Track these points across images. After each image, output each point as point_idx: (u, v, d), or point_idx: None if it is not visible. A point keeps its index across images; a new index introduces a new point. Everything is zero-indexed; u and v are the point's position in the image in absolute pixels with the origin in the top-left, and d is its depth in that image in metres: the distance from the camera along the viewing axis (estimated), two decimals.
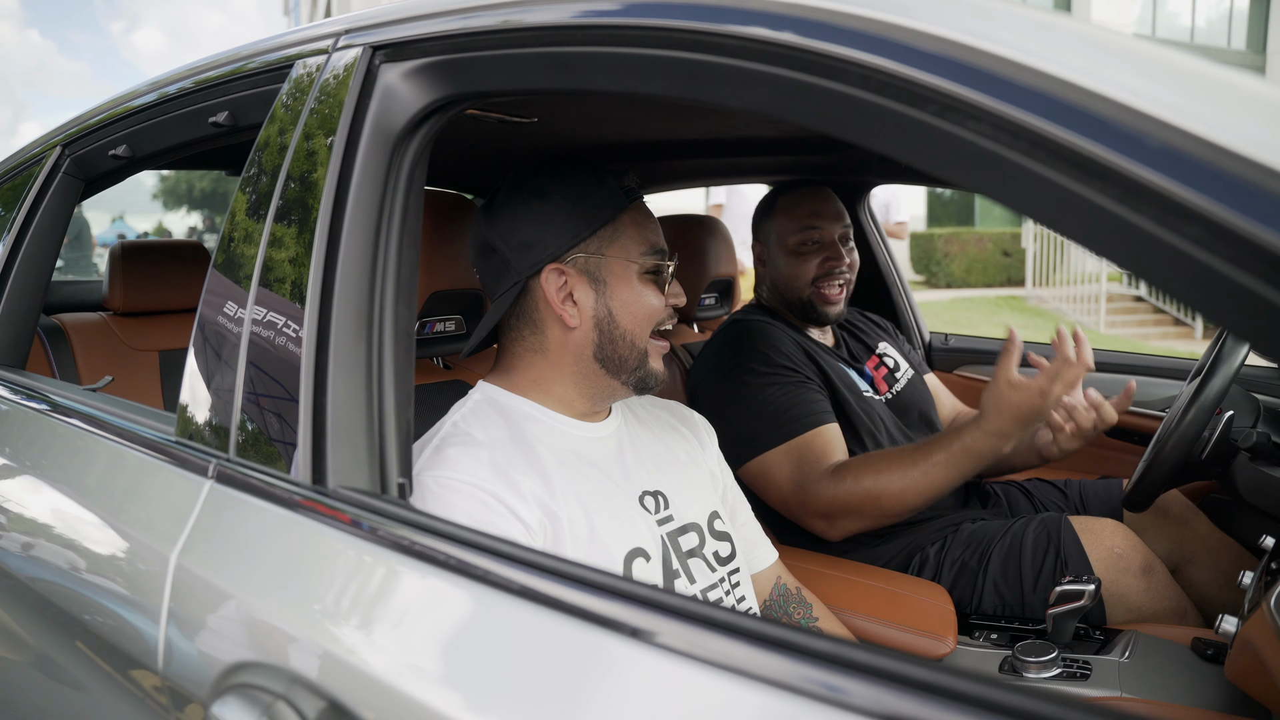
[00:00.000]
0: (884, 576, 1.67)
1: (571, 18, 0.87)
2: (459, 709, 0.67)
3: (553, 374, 1.20)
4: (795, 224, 1.97)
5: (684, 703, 0.61)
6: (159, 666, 0.83)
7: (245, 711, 0.71)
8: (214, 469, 0.93)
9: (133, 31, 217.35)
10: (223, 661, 0.78)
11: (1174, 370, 2.22)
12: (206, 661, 0.80)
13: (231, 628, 0.80)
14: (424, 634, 0.73)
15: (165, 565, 0.87)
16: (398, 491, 0.86)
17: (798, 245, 1.95)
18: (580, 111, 1.66)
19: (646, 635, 0.64)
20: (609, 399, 1.23)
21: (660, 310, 1.19)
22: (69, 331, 1.91)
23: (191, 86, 1.31)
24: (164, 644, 0.83)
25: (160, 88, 1.39)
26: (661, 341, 1.22)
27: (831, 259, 1.93)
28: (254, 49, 1.25)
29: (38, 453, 1.21)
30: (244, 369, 0.95)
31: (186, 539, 0.88)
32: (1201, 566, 1.78)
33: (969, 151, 0.64)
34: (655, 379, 1.21)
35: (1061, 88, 0.59)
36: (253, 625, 0.79)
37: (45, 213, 1.53)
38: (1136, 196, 0.55)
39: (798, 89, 0.69)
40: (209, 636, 0.82)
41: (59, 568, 1.03)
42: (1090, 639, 1.49)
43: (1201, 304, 0.55)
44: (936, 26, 0.65)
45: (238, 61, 1.25)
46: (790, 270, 1.95)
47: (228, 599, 0.82)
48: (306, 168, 1.01)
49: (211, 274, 1.05)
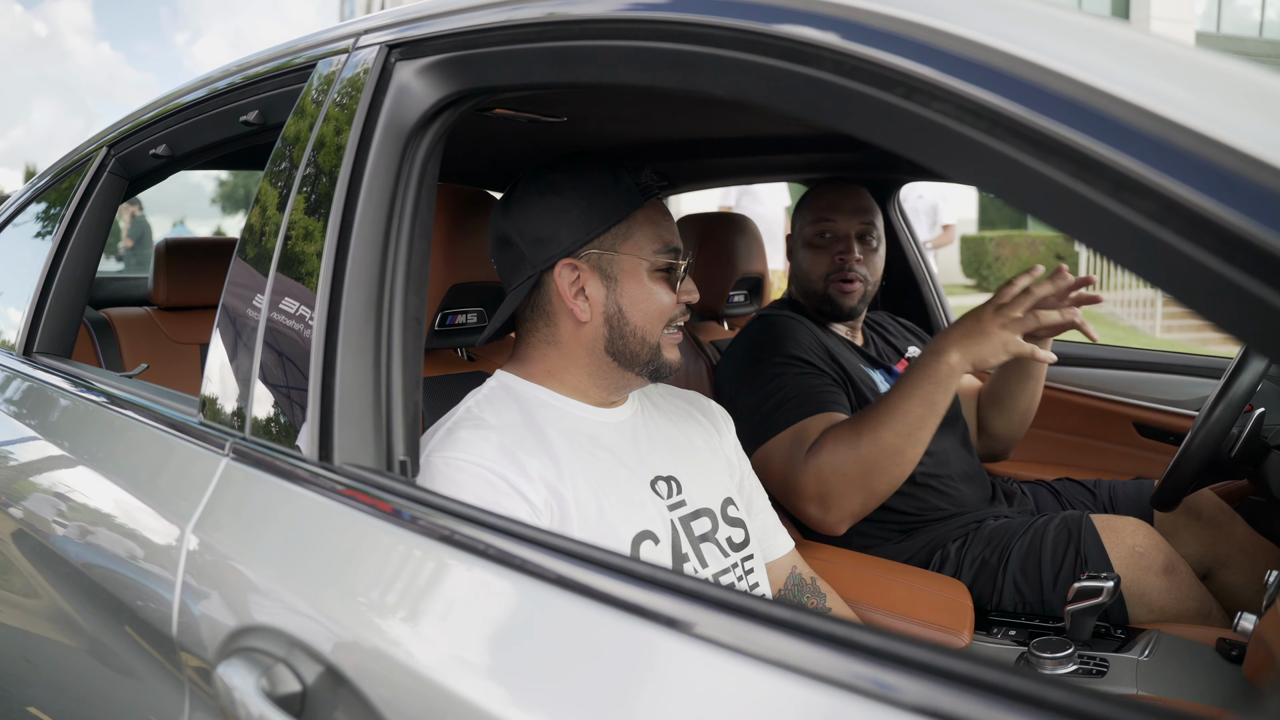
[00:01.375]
0: (903, 571, 1.67)
1: (569, 12, 0.90)
2: (453, 675, 0.70)
3: (566, 365, 1.22)
4: (812, 216, 1.97)
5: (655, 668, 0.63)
6: (173, 631, 0.88)
7: (247, 672, 0.75)
8: (230, 446, 0.98)
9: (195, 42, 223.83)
10: (228, 626, 0.82)
11: (1209, 369, 2.18)
12: (215, 626, 0.84)
13: (237, 595, 0.85)
14: (422, 605, 0.76)
15: (181, 537, 0.92)
16: (400, 469, 0.89)
17: (813, 237, 1.96)
18: (608, 110, 1.69)
19: (648, 613, 0.65)
20: (625, 389, 1.26)
21: (671, 308, 1.21)
22: (115, 325, 2.00)
23: (225, 87, 1.37)
24: (178, 610, 0.88)
25: (196, 89, 1.45)
26: (674, 333, 1.24)
27: (843, 252, 1.91)
28: (282, 50, 1.30)
29: (73, 432, 1.29)
30: (260, 352, 1.00)
31: (202, 512, 0.93)
32: (1236, 570, 1.74)
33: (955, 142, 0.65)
34: (670, 368, 1.23)
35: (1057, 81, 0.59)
36: (257, 592, 0.83)
37: (91, 210, 1.61)
38: (1130, 191, 0.55)
39: (789, 80, 0.70)
40: (217, 603, 0.86)
41: (87, 539, 1.09)
42: (1111, 637, 1.47)
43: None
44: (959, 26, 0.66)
45: (267, 62, 1.31)
46: (806, 262, 1.97)
47: (235, 568, 0.86)
48: (323, 162, 1.06)
49: (235, 262, 1.10)
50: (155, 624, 0.90)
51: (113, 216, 1.64)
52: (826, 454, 1.53)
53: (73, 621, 1.07)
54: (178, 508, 0.97)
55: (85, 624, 1.05)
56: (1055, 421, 2.30)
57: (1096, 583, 1.40)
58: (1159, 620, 1.52)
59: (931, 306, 2.51)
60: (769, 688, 0.58)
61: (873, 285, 1.98)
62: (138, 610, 0.95)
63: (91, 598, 1.04)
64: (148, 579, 0.95)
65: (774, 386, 1.74)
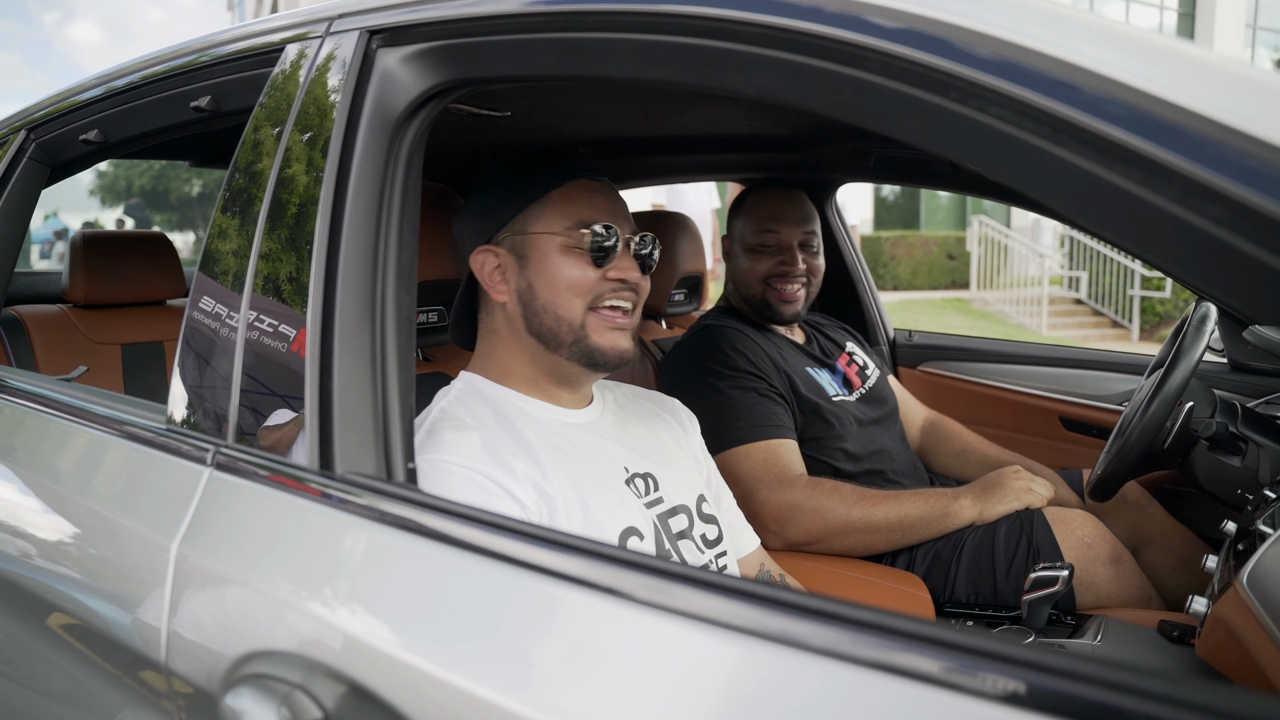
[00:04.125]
0: (860, 567, 1.71)
1: (583, 4, 0.87)
2: (480, 683, 0.67)
3: (506, 353, 1.22)
4: (755, 225, 2.01)
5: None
6: (162, 660, 0.81)
7: (261, 702, 0.70)
8: (212, 457, 0.91)
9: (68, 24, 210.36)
10: (232, 652, 0.76)
11: (1130, 365, 2.30)
12: (215, 651, 0.78)
13: (240, 617, 0.79)
14: (443, 614, 0.72)
15: (166, 555, 0.85)
16: (407, 476, 0.85)
17: (755, 245, 1.99)
18: (554, 105, 1.66)
19: (655, 603, 0.65)
20: (574, 380, 1.23)
21: (587, 281, 1.17)
22: (27, 324, 1.85)
23: (172, 70, 1.28)
24: (167, 636, 0.81)
25: (137, 70, 1.35)
26: (608, 314, 1.18)
27: (786, 263, 1.97)
28: (240, 32, 1.23)
29: (17, 444, 1.17)
30: (241, 356, 0.93)
31: (187, 528, 0.86)
32: (1157, 550, 1.85)
33: None
34: (603, 355, 1.18)
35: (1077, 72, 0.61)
36: (264, 613, 0.77)
37: (8, 200, 1.48)
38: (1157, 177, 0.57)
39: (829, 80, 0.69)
40: (216, 626, 0.80)
41: (49, 562, 1.00)
42: (1062, 624, 1.53)
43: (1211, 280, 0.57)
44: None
45: (224, 45, 1.23)
46: (746, 266, 2.00)
47: (235, 587, 0.80)
48: (304, 154, 1.00)
49: (204, 260, 1.03)
50: (137, 650, 0.83)
51: (33, 206, 1.52)
52: (819, 496, 1.69)
53: (28, 652, 0.98)
54: (157, 523, 0.89)
55: (57, 659, 0.96)
56: (984, 417, 2.39)
57: (1052, 572, 1.45)
58: (1103, 606, 1.60)
59: (867, 306, 2.58)
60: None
61: (814, 289, 2.03)
62: (113, 636, 0.87)
63: (49, 624, 0.95)
64: (126, 602, 0.87)
65: (724, 401, 1.78)
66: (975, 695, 0.54)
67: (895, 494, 1.73)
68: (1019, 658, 0.55)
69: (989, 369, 2.45)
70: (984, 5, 0.67)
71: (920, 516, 1.69)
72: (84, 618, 0.93)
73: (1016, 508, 1.70)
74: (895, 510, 1.69)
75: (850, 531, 1.68)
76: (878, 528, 1.68)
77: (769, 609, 0.62)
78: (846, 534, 1.68)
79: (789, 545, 1.71)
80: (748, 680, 0.61)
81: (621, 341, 1.19)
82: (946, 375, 2.51)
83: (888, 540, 1.69)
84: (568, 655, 0.67)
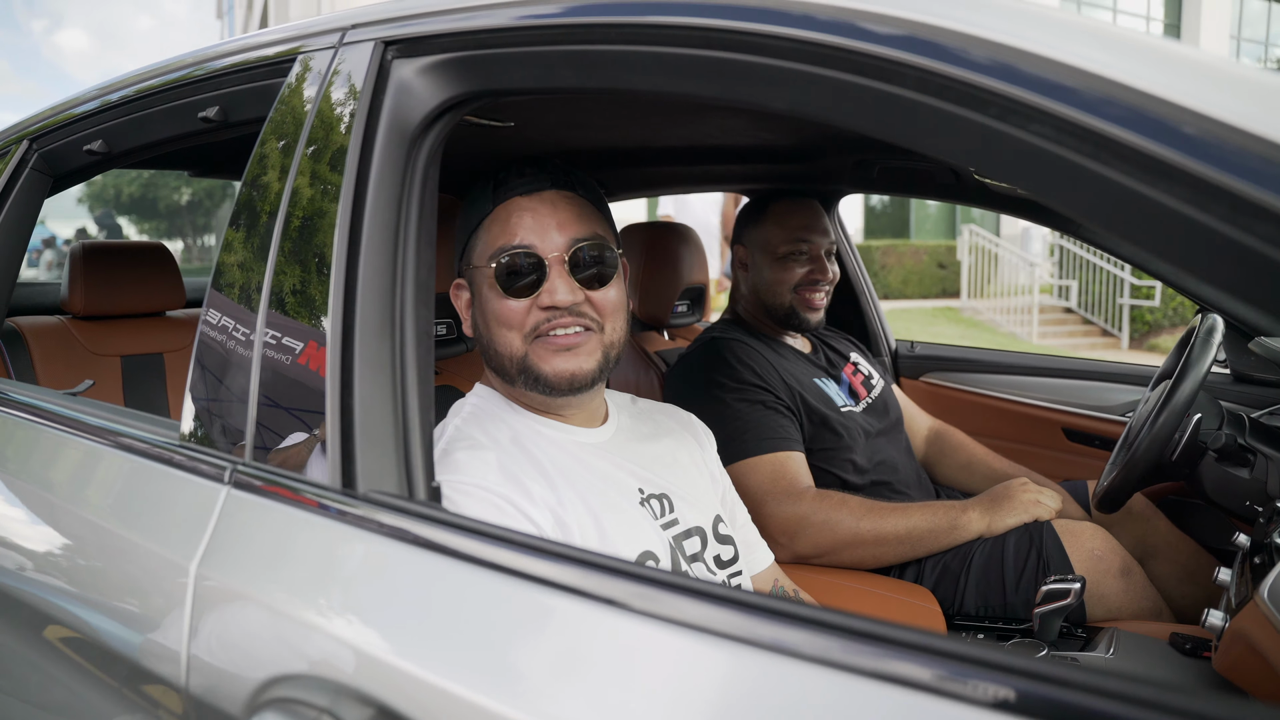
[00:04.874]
0: (869, 580, 1.70)
1: (601, 16, 0.87)
2: (513, 706, 0.66)
3: (497, 377, 1.20)
4: (787, 234, 2.01)
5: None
6: (183, 684, 0.79)
7: None
8: (230, 475, 0.89)
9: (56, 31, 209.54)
10: (256, 676, 0.75)
11: (1133, 376, 2.30)
12: (237, 676, 0.76)
13: (264, 639, 0.77)
14: (471, 634, 0.71)
15: (185, 576, 0.83)
16: (431, 495, 0.84)
17: (786, 254, 2.00)
18: (559, 117, 1.65)
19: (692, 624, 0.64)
20: (551, 404, 1.17)
21: (516, 314, 1.10)
22: (26, 335, 1.82)
23: (180, 80, 1.27)
24: (187, 659, 0.79)
25: (143, 80, 1.34)
26: (549, 340, 1.11)
27: (817, 271, 2.00)
28: (250, 42, 1.21)
29: (24, 459, 1.15)
30: (258, 371, 0.92)
31: (206, 548, 0.84)
32: (1163, 562, 1.85)
33: None
34: (549, 384, 1.11)
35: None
36: (289, 635, 0.76)
37: (11, 210, 1.46)
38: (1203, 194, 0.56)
39: (861, 95, 0.69)
40: (239, 649, 0.78)
41: (62, 581, 0.98)
42: (1074, 637, 1.53)
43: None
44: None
45: (233, 55, 1.21)
46: (775, 275, 2.00)
47: (258, 609, 0.78)
48: (319, 165, 0.98)
49: (218, 274, 1.01)
50: (156, 673, 0.81)
51: (35, 216, 1.50)
52: (828, 508, 1.68)
53: (58, 681, 0.95)
54: (174, 542, 0.87)
55: (72, 683, 0.93)
56: (987, 428, 2.39)
57: (1064, 585, 1.45)
58: (1114, 618, 1.59)
59: (869, 316, 2.58)
60: None
61: (829, 298, 2.05)
62: (131, 658, 0.85)
63: (60, 646, 0.93)
64: (144, 623, 0.85)
65: (732, 413, 1.78)
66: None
67: (903, 506, 1.72)
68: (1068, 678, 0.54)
69: (991, 380, 2.45)
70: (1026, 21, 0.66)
71: (929, 529, 1.68)
72: (101, 639, 0.91)
73: (1025, 520, 1.69)
74: (904, 523, 1.68)
75: (859, 544, 1.67)
76: (886, 540, 1.67)
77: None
78: (855, 547, 1.67)
79: (797, 558, 1.70)
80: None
81: (568, 365, 1.11)
82: (948, 386, 2.50)
83: (896, 553, 1.69)
84: (598, 675, 0.66)
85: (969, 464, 2.14)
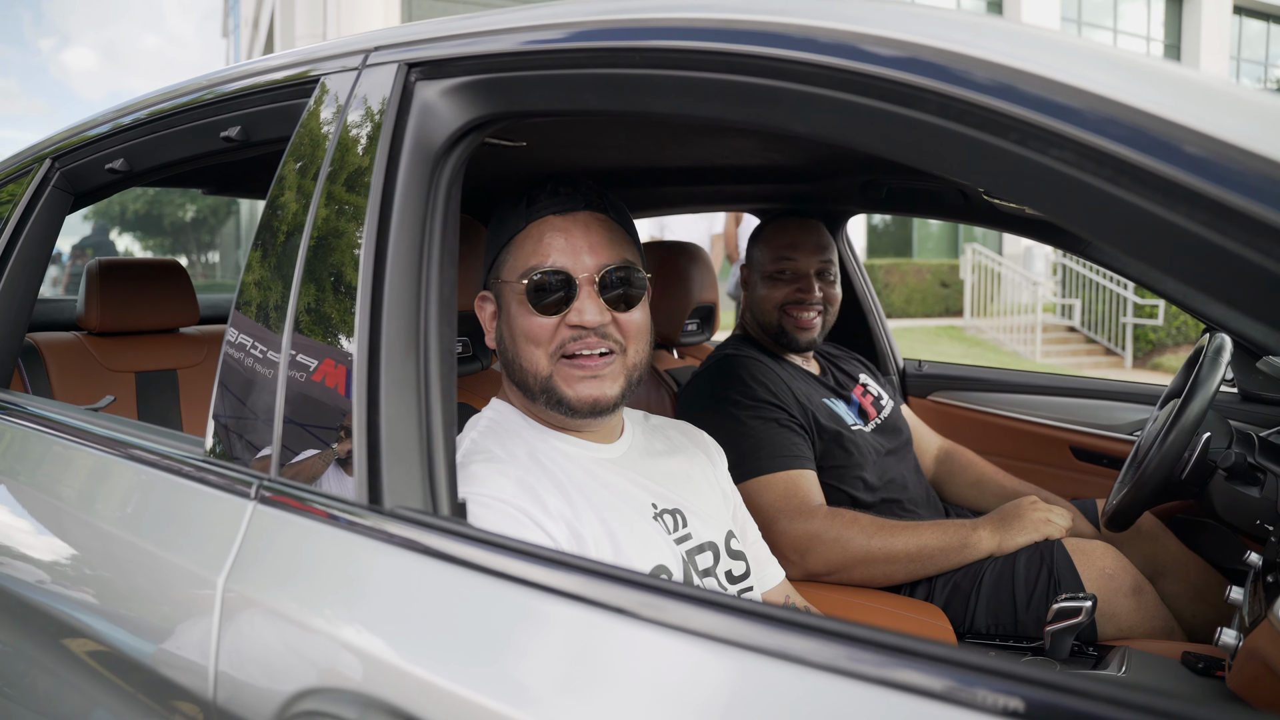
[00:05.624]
0: (879, 597, 1.70)
1: (629, 41, 0.88)
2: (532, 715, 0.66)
3: (516, 392, 1.20)
4: (773, 253, 2.03)
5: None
6: (210, 696, 0.80)
7: None
8: (256, 490, 0.91)
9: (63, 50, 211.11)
10: (285, 690, 0.75)
11: (1141, 395, 2.31)
12: (266, 690, 0.77)
13: (292, 654, 0.78)
14: (499, 648, 0.72)
15: (213, 590, 0.84)
16: (457, 510, 0.85)
17: (774, 272, 2.01)
18: (571, 136, 1.67)
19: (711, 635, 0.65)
20: (570, 422, 1.17)
21: (544, 331, 1.11)
22: (43, 351, 1.84)
23: (202, 100, 1.29)
24: (214, 671, 0.80)
25: (163, 100, 1.36)
26: (578, 361, 1.12)
27: (803, 290, 2.00)
28: (272, 63, 1.23)
29: (51, 475, 1.16)
30: (284, 389, 0.93)
31: (234, 561, 0.85)
32: (1172, 580, 1.85)
33: None
34: (571, 407, 1.12)
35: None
36: (317, 650, 0.77)
37: (33, 228, 1.48)
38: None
39: (884, 120, 0.70)
40: (267, 662, 0.79)
41: (88, 594, 0.99)
42: (1085, 655, 1.53)
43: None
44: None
45: (255, 75, 1.23)
46: (763, 293, 2.03)
47: (286, 623, 0.79)
48: (345, 185, 1.00)
49: (243, 292, 1.03)
50: (184, 687, 0.82)
51: (56, 234, 1.52)
52: (839, 526, 1.69)
53: (65, 688, 0.96)
54: (202, 557, 0.88)
55: (99, 696, 0.94)
56: (996, 446, 2.40)
57: (1075, 603, 1.45)
58: (1126, 637, 1.59)
59: (877, 336, 2.59)
60: None
61: (830, 318, 2.05)
62: (155, 673, 0.86)
63: (88, 660, 0.93)
64: (171, 637, 0.86)
65: (743, 431, 1.79)
66: None
67: (914, 525, 1.73)
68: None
69: (999, 399, 2.45)
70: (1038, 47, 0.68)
71: (939, 547, 1.69)
72: (127, 653, 0.91)
73: (1035, 539, 1.70)
74: (914, 541, 1.68)
75: (870, 562, 1.67)
76: (897, 558, 1.68)
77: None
78: (866, 564, 1.68)
79: (808, 575, 1.70)
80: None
81: (592, 391, 1.12)
82: (956, 405, 2.51)
83: (907, 571, 1.69)
84: (618, 686, 0.67)
85: (979, 482, 2.14)
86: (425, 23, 1.08)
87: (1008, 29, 0.70)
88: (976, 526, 1.72)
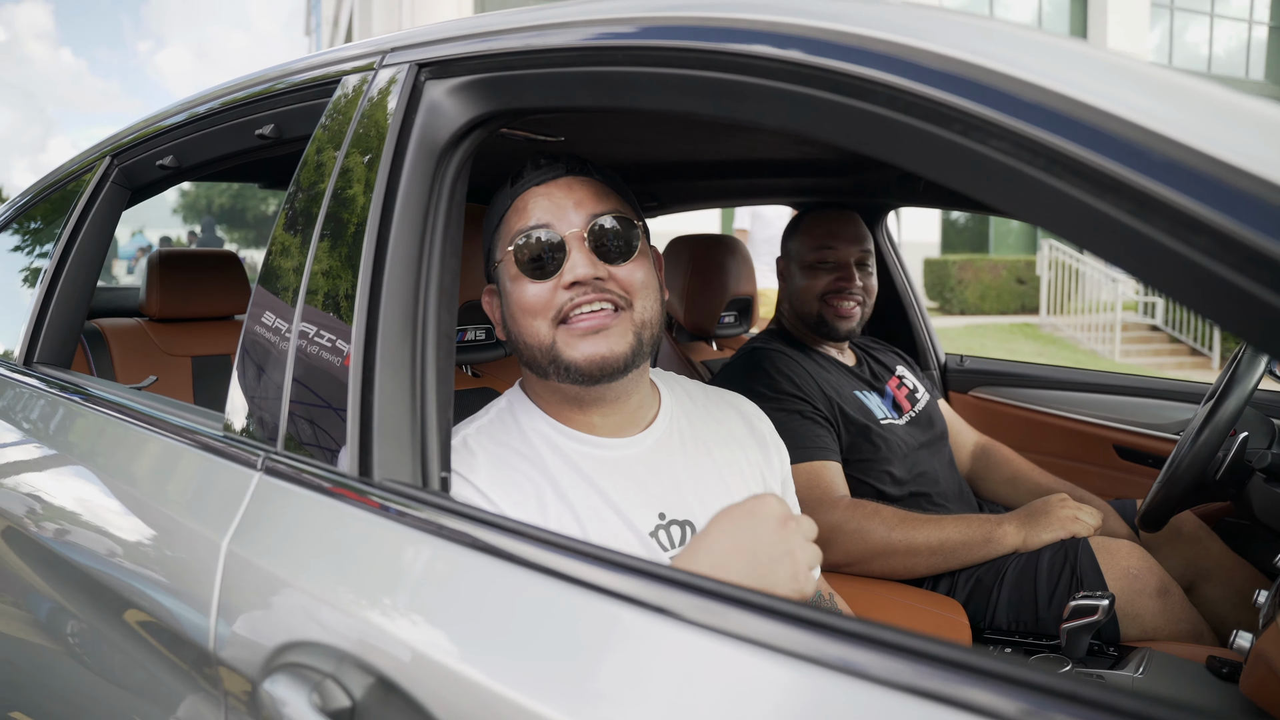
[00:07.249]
0: (900, 590, 1.70)
1: (613, 39, 0.92)
2: (495, 678, 0.71)
3: (531, 380, 1.17)
4: (813, 242, 2.03)
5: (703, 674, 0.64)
6: (210, 647, 0.87)
7: (295, 688, 0.75)
8: (262, 462, 0.98)
9: (159, 51, 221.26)
10: (272, 642, 0.82)
11: (1188, 394, 2.24)
12: (256, 641, 0.84)
13: (280, 610, 0.84)
14: (464, 613, 0.76)
15: (217, 551, 0.91)
16: (440, 485, 0.90)
17: (813, 262, 2.02)
18: (607, 131, 1.71)
19: (667, 611, 0.67)
20: (583, 400, 1.12)
21: (542, 298, 1.07)
22: (108, 336, 1.97)
23: (240, 100, 1.37)
24: (215, 624, 0.88)
25: (208, 101, 1.45)
26: (579, 322, 1.06)
27: (843, 279, 2.01)
28: (300, 65, 1.31)
29: (91, 446, 1.27)
30: (291, 369, 1.00)
31: (237, 526, 0.92)
32: (1215, 585, 1.80)
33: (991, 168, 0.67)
34: (580, 370, 1.06)
35: (1075, 107, 0.62)
36: (301, 607, 0.83)
37: (94, 220, 1.59)
38: (1147, 209, 0.58)
39: (825, 108, 0.72)
40: (259, 618, 0.86)
41: (113, 553, 1.08)
42: (1104, 655, 1.50)
43: (1206, 308, 0.57)
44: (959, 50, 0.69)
45: (285, 76, 1.31)
46: (803, 284, 2.03)
47: (277, 582, 0.86)
48: (353, 179, 1.06)
49: (262, 278, 1.10)
50: (188, 638, 0.90)
51: (114, 226, 1.63)
52: (860, 517, 1.70)
53: (92, 637, 1.06)
54: (211, 521, 0.96)
55: (107, 639, 1.03)
56: (1037, 444, 2.35)
57: (1091, 601, 1.43)
58: (1150, 639, 1.56)
59: (917, 329, 2.56)
60: None
61: (868, 309, 2.05)
62: (166, 624, 0.94)
63: (112, 612, 1.02)
64: (181, 592, 0.94)
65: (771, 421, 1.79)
66: None
67: (937, 518, 1.72)
68: None
69: (1041, 395, 2.41)
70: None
71: (962, 541, 1.68)
72: (142, 604, 1.00)
73: (1061, 536, 1.68)
74: (936, 534, 1.68)
75: (890, 554, 1.68)
76: (918, 551, 1.67)
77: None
78: (886, 556, 1.68)
79: (829, 566, 1.71)
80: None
81: (598, 348, 1.06)
82: (998, 401, 2.47)
83: (928, 564, 1.69)
84: (581, 655, 0.70)
85: (1014, 479, 2.12)
86: (434, 24, 1.13)
87: (957, 21, 0.71)
88: (1002, 522, 1.71)
